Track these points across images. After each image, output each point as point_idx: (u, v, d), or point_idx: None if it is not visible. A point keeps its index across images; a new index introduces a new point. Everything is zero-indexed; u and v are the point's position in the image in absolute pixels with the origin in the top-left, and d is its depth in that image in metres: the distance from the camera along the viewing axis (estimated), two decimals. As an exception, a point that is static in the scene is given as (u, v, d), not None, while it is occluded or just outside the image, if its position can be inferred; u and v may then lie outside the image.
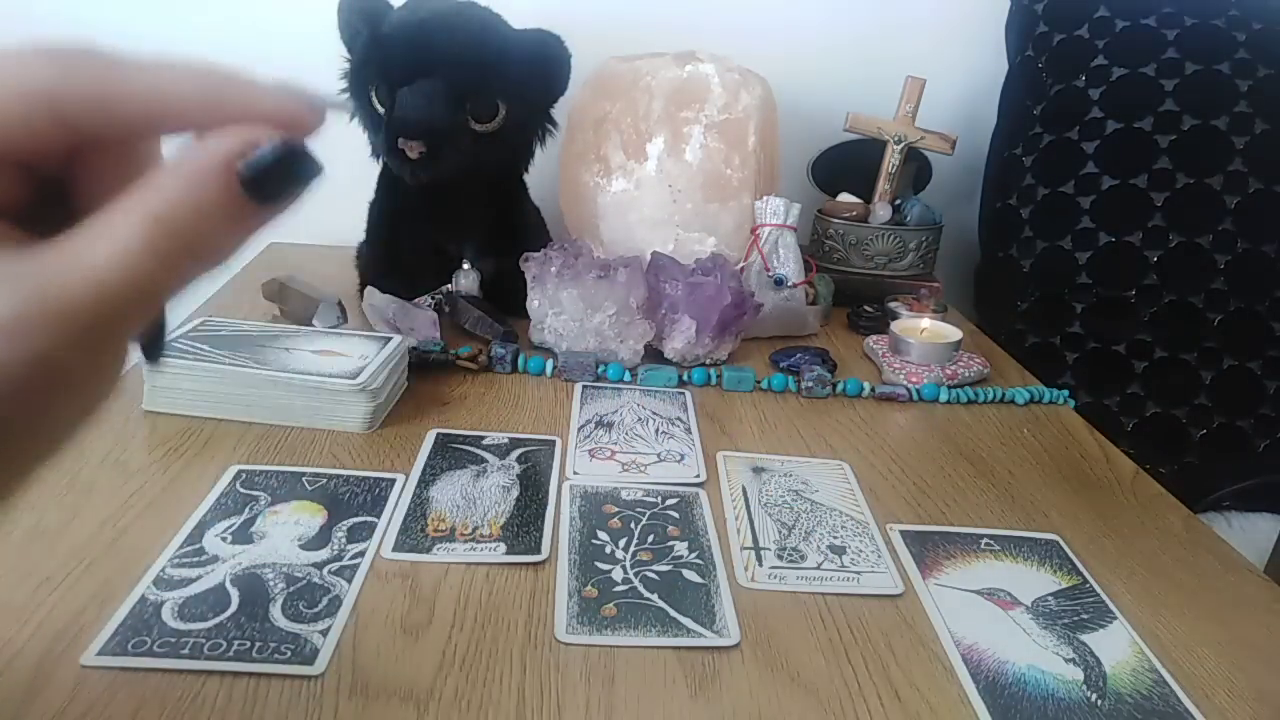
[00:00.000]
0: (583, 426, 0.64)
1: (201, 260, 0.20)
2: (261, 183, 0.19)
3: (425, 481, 0.55)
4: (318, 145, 0.22)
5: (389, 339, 0.66)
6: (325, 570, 0.45)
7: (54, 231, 0.19)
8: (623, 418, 0.66)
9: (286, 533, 0.48)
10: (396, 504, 0.52)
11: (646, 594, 0.46)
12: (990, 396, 0.75)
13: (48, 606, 0.41)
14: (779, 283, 0.86)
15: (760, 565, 0.49)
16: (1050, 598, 0.49)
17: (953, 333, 0.79)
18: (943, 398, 0.74)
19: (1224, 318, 0.96)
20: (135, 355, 0.24)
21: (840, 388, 0.74)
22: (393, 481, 0.54)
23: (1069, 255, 0.98)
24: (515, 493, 0.54)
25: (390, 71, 0.73)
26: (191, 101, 0.20)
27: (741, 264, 0.87)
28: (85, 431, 0.22)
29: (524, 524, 0.51)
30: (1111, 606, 0.48)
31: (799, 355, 0.78)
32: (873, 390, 0.74)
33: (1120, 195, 0.96)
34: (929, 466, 0.63)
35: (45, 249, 0.18)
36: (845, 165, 1.03)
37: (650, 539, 0.50)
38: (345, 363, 0.61)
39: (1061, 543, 0.54)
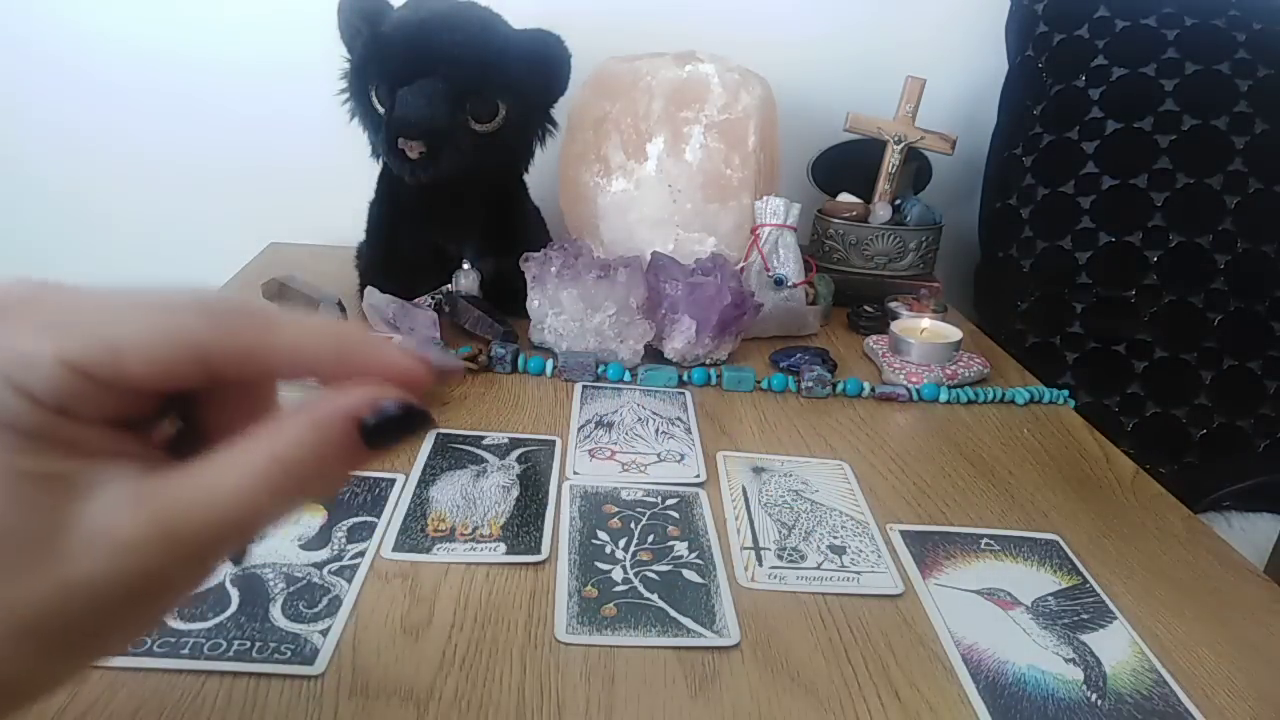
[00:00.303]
0: (583, 426, 0.64)
1: (310, 497, 0.22)
2: (380, 435, 0.21)
3: (425, 481, 0.55)
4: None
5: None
6: (325, 570, 0.45)
7: (179, 446, 0.21)
8: (623, 418, 0.66)
9: (286, 532, 0.48)
10: (396, 504, 0.52)
11: (646, 594, 0.46)
12: (990, 396, 0.75)
13: (48, 606, 0.41)
14: (779, 283, 0.86)
15: (760, 565, 0.49)
16: (1050, 598, 0.49)
17: (953, 333, 0.79)
18: (943, 398, 0.74)
19: (1224, 318, 0.96)
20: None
21: (840, 388, 0.74)
22: (392, 481, 0.54)
23: (1069, 255, 0.98)
24: (515, 493, 0.54)
25: (390, 71, 0.73)
26: (326, 358, 0.23)
27: (741, 264, 0.87)
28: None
29: (524, 524, 0.51)
30: (1111, 606, 0.48)
31: (799, 355, 0.78)
32: (873, 390, 0.74)
33: (1120, 195, 0.96)
34: (929, 466, 0.63)
35: (174, 475, 0.20)
36: (845, 165, 1.03)
37: (650, 539, 0.50)
38: (345, 363, 0.61)
39: (1061, 543, 0.54)
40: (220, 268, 0.92)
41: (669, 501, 0.55)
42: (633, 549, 0.49)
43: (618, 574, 0.47)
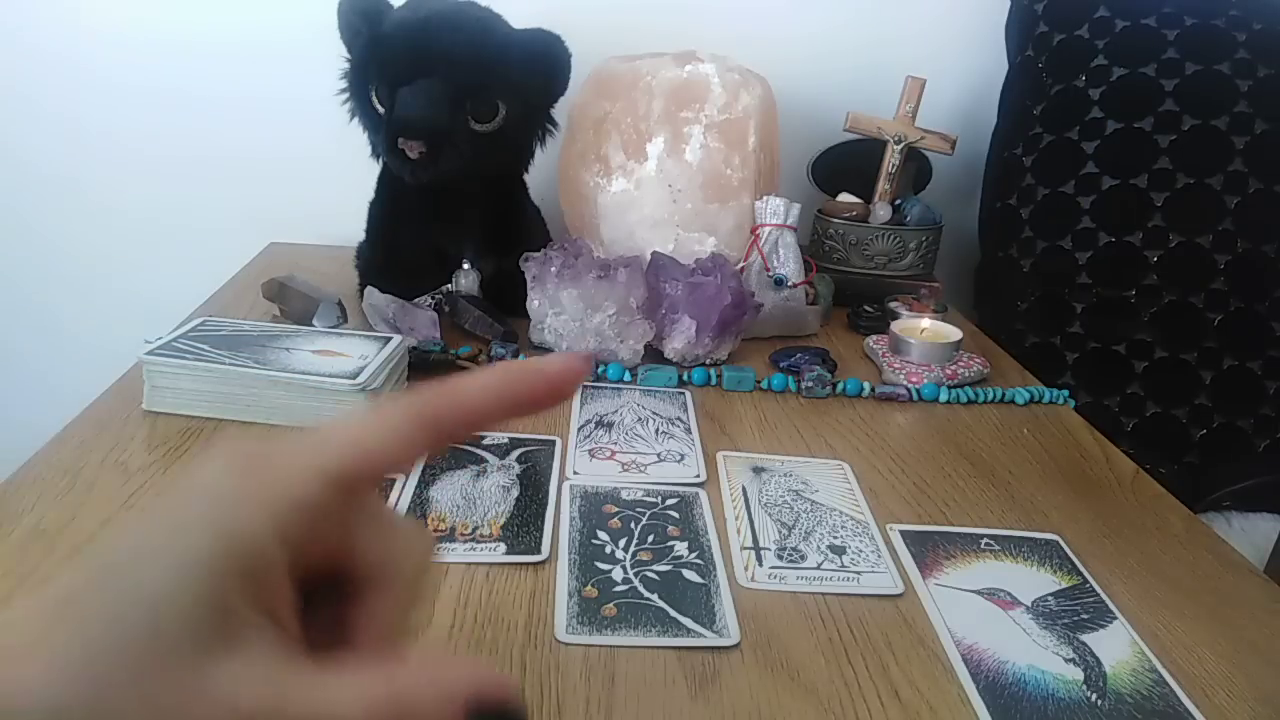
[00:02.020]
0: (583, 426, 0.64)
1: None
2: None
3: (425, 481, 0.55)
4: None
5: (389, 339, 0.66)
6: (325, 570, 0.45)
7: (312, 631, 0.23)
8: (623, 418, 0.66)
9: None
10: (396, 504, 0.52)
11: (646, 594, 0.46)
12: (990, 396, 0.75)
13: (48, 606, 0.41)
14: (779, 283, 0.86)
15: (760, 565, 0.49)
16: (1050, 598, 0.49)
17: (953, 333, 0.79)
18: (943, 398, 0.74)
19: (1224, 318, 0.96)
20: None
21: (840, 388, 0.74)
22: (392, 481, 0.54)
23: (1069, 255, 0.98)
24: (515, 493, 0.54)
25: (390, 71, 0.73)
26: (510, 390, 0.25)
27: (741, 264, 0.87)
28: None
29: (524, 524, 0.51)
30: (1111, 606, 0.48)
31: (799, 355, 0.78)
32: (873, 390, 0.74)
33: (1120, 195, 0.96)
34: (929, 466, 0.63)
35: (304, 673, 0.21)
36: (845, 165, 1.03)
37: (650, 539, 0.50)
38: (345, 363, 0.61)
39: (1061, 543, 0.54)
40: (220, 267, 0.92)
41: (669, 501, 0.55)
42: (633, 549, 0.49)
43: (618, 574, 0.47)
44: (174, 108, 1.05)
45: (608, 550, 0.49)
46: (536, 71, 0.78)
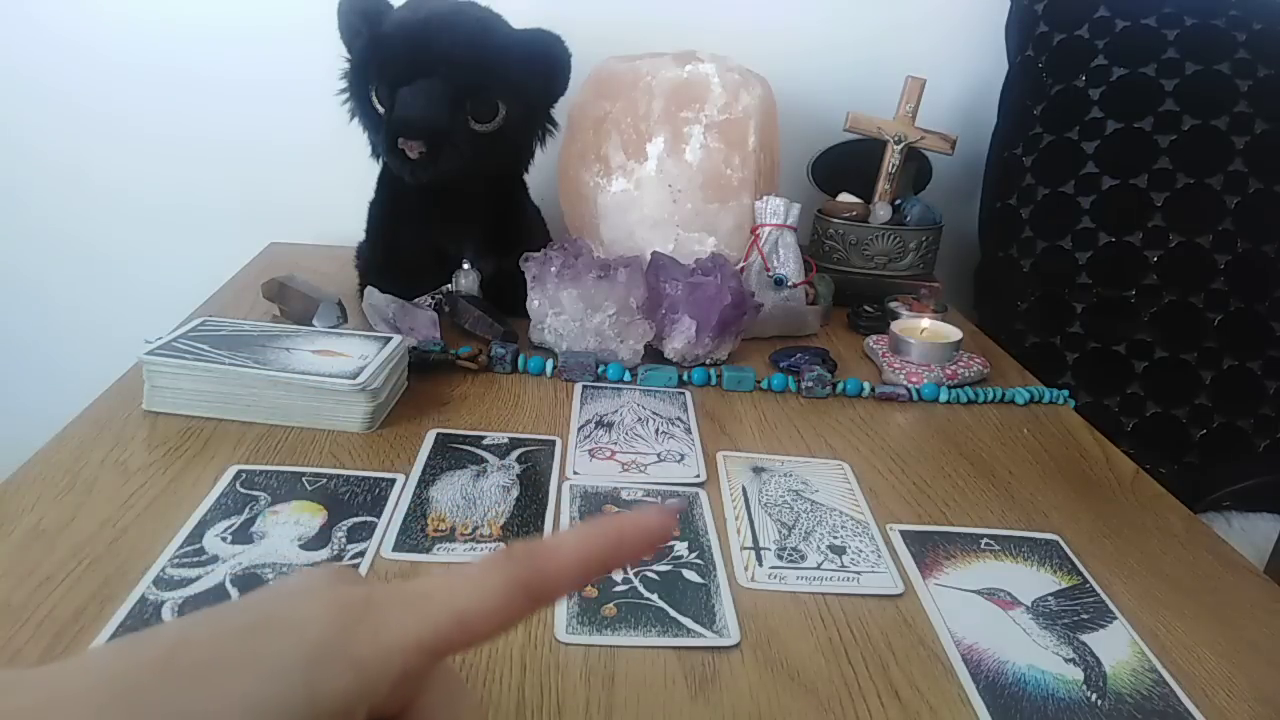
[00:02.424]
0: (583, 426, 0.64)
1: None
2: None
3: (425, 481, 0.55)
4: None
5: (389, 339, 0.66)
6: (325, 570, 0.45)
7: None
8: (623, 418, 0.66)
9: (286, 533, 0.48)
10: (396, 504, 0.52)
11: (646, 594, 0.46)
12: (990, 396, 0.75)
13: (48, 606, 0.41)
14: (779, 283, 0.86)
15: (760, 565, 0.49)
16: (1050, 598, 0.49)
17: (953, 333, 0.79)
18: (943, 398, 0.74)
19: (1224, 318, 0.96)
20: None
21: (840, 388, 0.74)
22: (393, 481, 0.54)
23: (1069, 255, 0.98)
24: (515, 493, 0.54)
25: (390, 71, 0.73)
26: (610, 549, 0.25)
27: (741, 264, 0.87)
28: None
29: (524, 524, 0.51)
30: (1111, 606, 0.48)
31: (799, 355, 0.78)
32: (873, 390, 0.74)
33: (1120, 195, 0.96)
34: (929, 466, 0.63)
35: None
36: (845, 165, 1.03)
37: (650, 539, 0.50)
38: (345, 363, 0.61)
39: (1061, 543, 0.54)
40: (220, 267, 0.92)
41: (669, 501, 0.55)
42: (633, 549, 0.49)
43: (618, 574, 0.47)
44: (175, 92, 1.04)
45: (608, 550, 0.49)
46: (536, 72, 0.78)
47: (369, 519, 0.50)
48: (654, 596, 0.45)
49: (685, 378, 0.73)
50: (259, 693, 0.20)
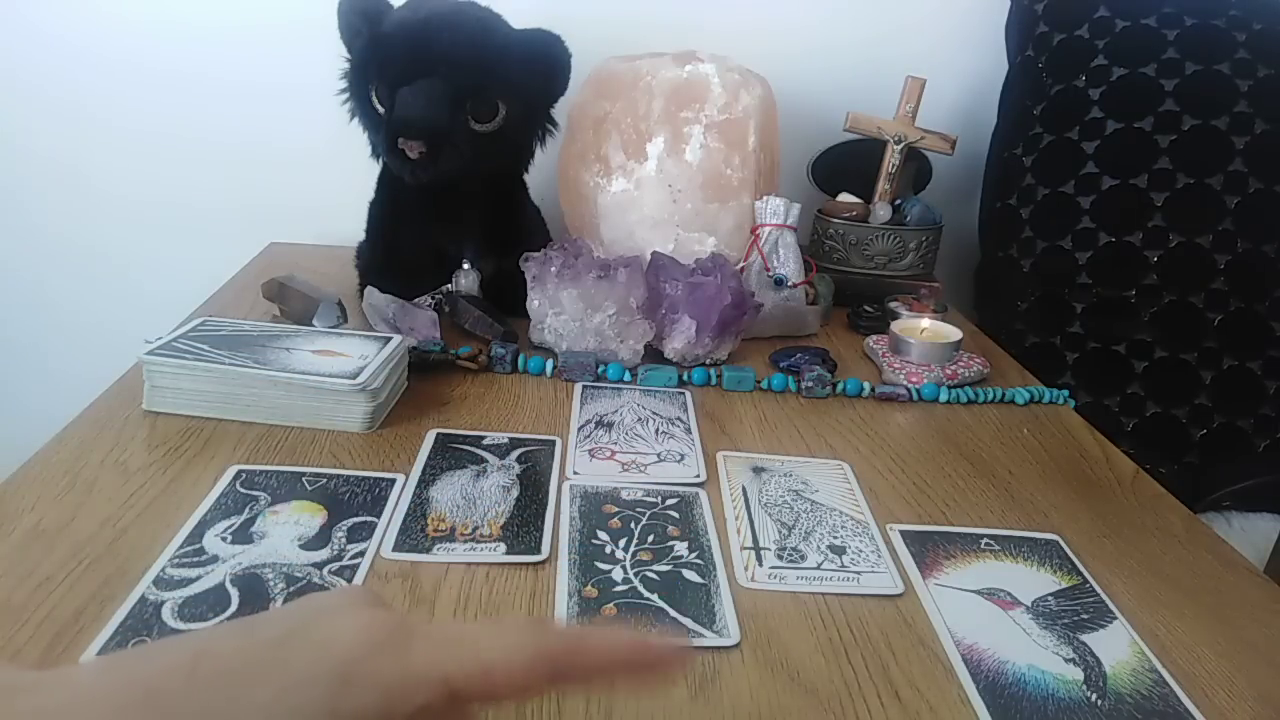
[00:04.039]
0: (583, 426, 0.64)
1: None
2: None
3: (425, 481, 0.55)
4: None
5: (389, 339, 0.66)
6: (325, 570, 0.45)
7: None
8: (623, 418, 0.66)
9: (286, 533, 0.48)
10: (396, 504, 0.52)
11: (646, 594, 0.46)
12: (990, 396, 0.75)
13: (48, 606, 0.41)
14: (779, 283, 0.86)
15: (760, 565, 0.49)
16: (1050, 598, 0.49)
17: (953, 333, 0.79)
18: (943, 398, 0.74)
19: (1224, 318, 0.96)
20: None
21: (840, 388, 0.74)
22: (393, 481, 0.54)
23: (1069, 255, 0.98)
24: (515, 493, 0.54)
25: (390, 71, 0.73)
26: (633, 653, 0.26)
27: (741, 264, 0.87)
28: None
29: (524, 524, 0.51)
30: (1111, 606, 0.48)
31: (799, 355, 0.78)
32: (873, 390, 0.74)
33: (1120, 195, 0.96)
34: (929, 466, 0.63)
35: None
36: (845, 165, 1.03)
37: (650, 539, 0.50)
38: (345, 363, 0.61)
39: (1061, 543, 0.54)
40: (220, 268, 0.92)
41: (669, 501, 0.55)
42: (633, 549, 0.49)
43: (618, 574, 0.47)
44: (175, 93, 1.04)
45: (608, 550, 0.49)
46: (536, 72, 0.78)
47: (369, 519, 0.50)
48: (654, 596, 0.45)
49: (685, 378, 0.73)
50: (281, 703, 0.20)
